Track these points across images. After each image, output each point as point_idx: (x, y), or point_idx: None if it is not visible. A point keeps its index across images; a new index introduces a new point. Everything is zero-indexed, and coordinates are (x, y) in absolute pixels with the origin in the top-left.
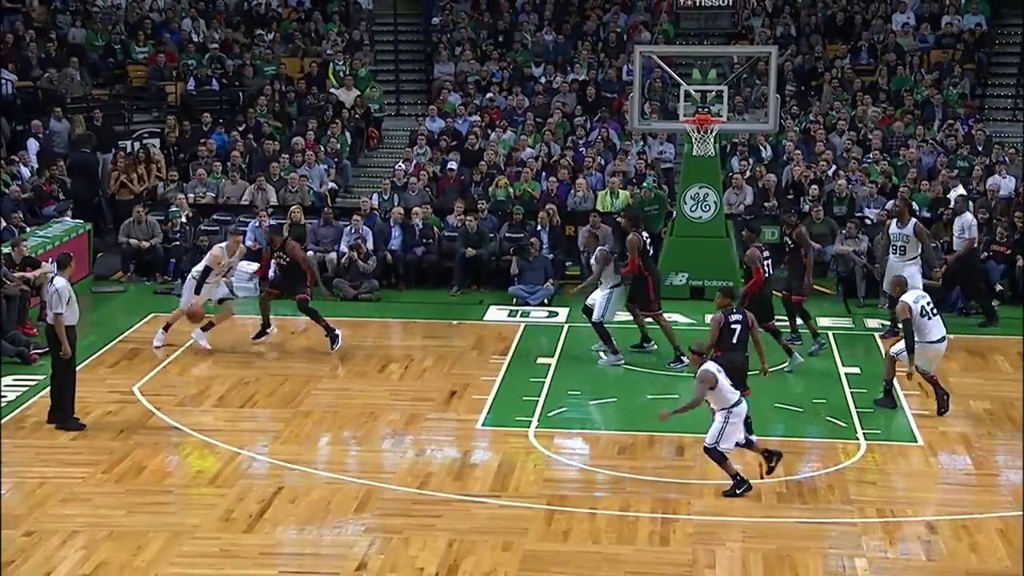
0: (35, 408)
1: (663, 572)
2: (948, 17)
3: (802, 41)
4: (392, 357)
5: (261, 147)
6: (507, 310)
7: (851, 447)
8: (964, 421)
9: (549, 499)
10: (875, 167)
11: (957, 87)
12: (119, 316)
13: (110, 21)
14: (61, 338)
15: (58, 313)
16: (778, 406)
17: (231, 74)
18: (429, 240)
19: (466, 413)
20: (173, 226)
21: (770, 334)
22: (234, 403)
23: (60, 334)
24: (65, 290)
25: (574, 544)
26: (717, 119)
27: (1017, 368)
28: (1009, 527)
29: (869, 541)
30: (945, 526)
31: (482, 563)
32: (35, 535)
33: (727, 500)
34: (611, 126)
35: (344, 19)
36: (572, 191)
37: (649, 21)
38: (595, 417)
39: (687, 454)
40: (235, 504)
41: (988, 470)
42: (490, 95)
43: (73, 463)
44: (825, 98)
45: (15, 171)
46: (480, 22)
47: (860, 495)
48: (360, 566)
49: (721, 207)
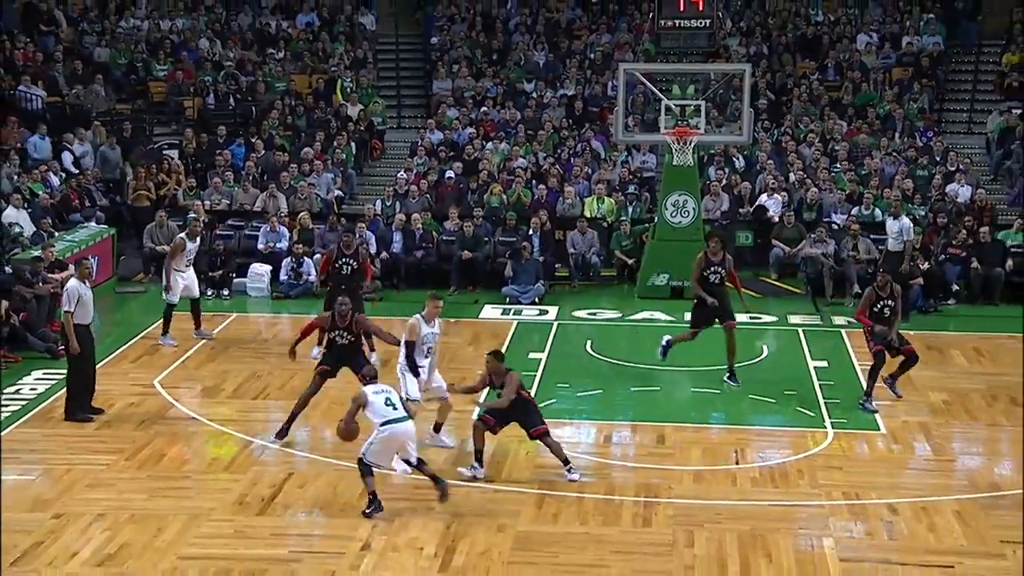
0: (62, 400)
1: (645, 551)
2: (908, 37)
3: (774, 59)
4: (392, 352)
5: (272, 157)
6: (501, 309)
7: (819, 435)
8: (923, 411)
9: (540, 484)
10: (842, 176)
11: (917, 102)
12: (141, 315)
13: (132, 41)
14: (69, 335)
15: (67, 311)
16: (752, 398)
17: (245, 90)
18: (428, 244)
19: (462, 404)
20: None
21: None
22: (247, 395)
23: (68, 331)
24: (75, 291)
25: (563, 526)
26: (695, 131)
27: (972, 362)
28: (965, 508)
29: (836, 522)
30: (906, 508)
31: (477, 543)
32: (63, 517)
33: (705, 484)
34: (597, 138)
35: (349, 39)
36: (561, 198)
37: (632, 41)
38: (582, 408)
39: (667, 442)
40: (248, 489)
41: (945, 456)
42: (485, 109)
43: (98, 451)
44: (795, 112)
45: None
46: (476, 42)
47: (827, 480)
48: (364, 546)
49: (699, 213)
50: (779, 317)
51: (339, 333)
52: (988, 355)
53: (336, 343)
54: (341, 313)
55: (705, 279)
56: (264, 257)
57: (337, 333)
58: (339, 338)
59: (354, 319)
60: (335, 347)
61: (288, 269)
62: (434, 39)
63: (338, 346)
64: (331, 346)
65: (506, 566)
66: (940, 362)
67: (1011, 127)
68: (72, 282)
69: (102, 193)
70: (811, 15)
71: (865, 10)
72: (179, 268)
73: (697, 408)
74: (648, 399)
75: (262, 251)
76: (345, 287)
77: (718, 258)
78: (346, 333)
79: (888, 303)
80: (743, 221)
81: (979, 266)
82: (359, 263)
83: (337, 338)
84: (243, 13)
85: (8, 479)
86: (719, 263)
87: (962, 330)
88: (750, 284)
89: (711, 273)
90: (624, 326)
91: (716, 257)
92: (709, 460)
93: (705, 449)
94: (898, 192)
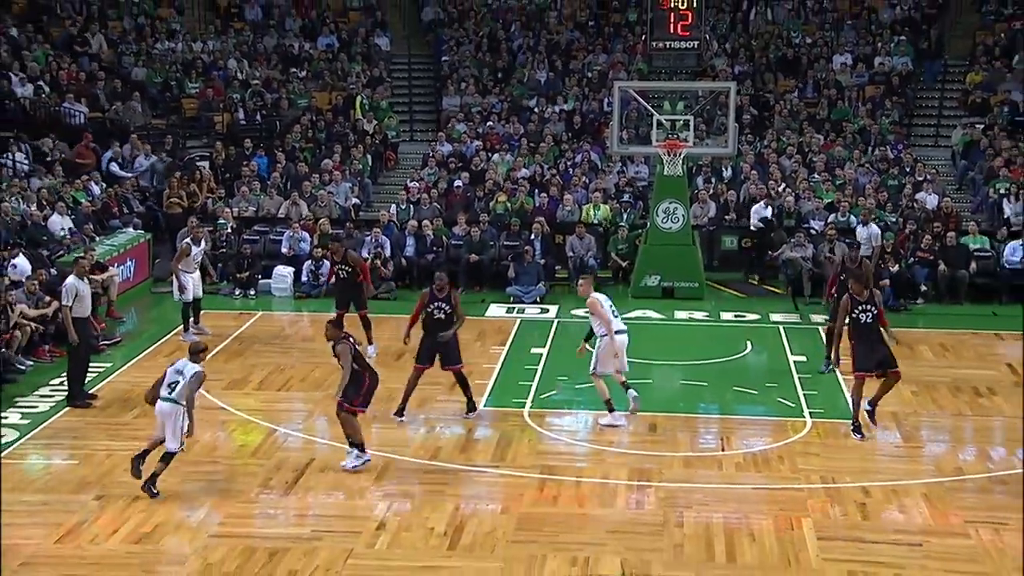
0: (103, 391)
1: (638, 531)
2: (880, 58)
3: (756, 78)
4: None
5: (295, 168)
6: (505, 308)
7: (798, 424)
8: (893, 402)
9: (541, 469)
10: (820, 186)
11: (888, 117)
12: (174, 313)
13: (167, 61)
14: (68, 327)
15: (65, 306)
16: (736, 389)
17: (270, 106)
18: (438, 248)
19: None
20: (220, 235)
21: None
22: (272, 387)
23: (67, 324)
24: (73, 287)
25: (562, 507)
26: (684, 144)
27: (939, 357)
28: (931, 491)
29: (814, 504)
30: (878, 491)
31: (484, 524)
32: (104, 499)
33: (693, 469)
34: (594, 150)
35: (366, 59)
36: (561, 205)
37: (626, 61)
38: (580, 399)
39: (658, 430)
40: (273, 473)
41: (914, 443)
42: (490, 123)
43: (135, 437)
44: (776, 126)
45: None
46: (482, 61)
47: (806, 465)
48: (379, 526)
49: (688, 219)
50: (762, 315)
51: (436, 306)
52: (953, 350)
53: (433, 317)
54: (438, 286)
55: (856, 320)
56: (287, 260)
57: (435, 306)
58: (436, 312)
59: (452, 292)
60: (431, 322)
61: (309, 271)
62: (444, 59)
63: (434, 320)
64: (427, 323)
65: (510, 544)
66: (909, 357)
67: (974, 140)
68: (70, 279)
69: (139, 201)
70: (791, 37)
71: (840, 33)
72: (187, 269)
73: (686, 399)
74: (641, 391)
75: (285, 254)
76: (347, 290)
77: (863, 297)
78: (444, 305)
79: (868, 308)
80: (729, 226)
81: (945, 268)
82: (353, 267)
83: (435, 312)
84: (268, 35)
85: (54, 463)
86: (867, 301)
87: (929, 327)
88: (735, 285)
89: (861, 312)
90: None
91: (862, 296)
92: (697, 447)
93: (693, 437)
94: (871, 202)
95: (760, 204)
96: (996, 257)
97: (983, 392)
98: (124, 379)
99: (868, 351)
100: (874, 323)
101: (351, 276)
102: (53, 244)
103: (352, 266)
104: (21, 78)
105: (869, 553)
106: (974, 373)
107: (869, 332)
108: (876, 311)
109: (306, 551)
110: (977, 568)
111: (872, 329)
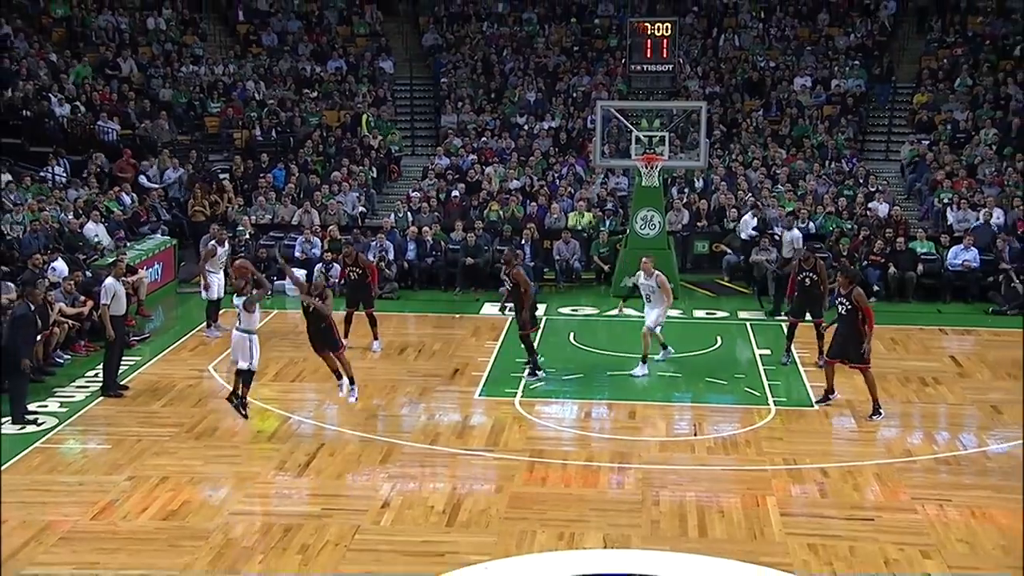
0: (133, 383)
1: (619, 508)
2: (836, 80)
3: (725, 98)
4: (408, 343)
5: (307, 179)
6: (498, 306)
7: (763, 411)
8: (849, 390)
9: (531, 453)
10: (783, 196)
11: (843, 134)
12: (198, 311)
13: (191, 84)
14: (105, 324)
15: (104, 304)
16: (708, 380)
17: (284, 123)
18: (437, 252)
19: (466, 386)
20: (239, 241)
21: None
22: (287, 378)
23: (105, 321)
24: (111, 288)
25: (550, 488)
26: (660, 158)
27: (889, 350)
28: (883, 471)
29: (777, 484)
30: (835, 471)
31: (479, 502)
32: (135, 480)
33: (668, 452)
34: (579, 163)
35: (372, 80)
36: (548, 213)
37: (608, 82)
38: (566, 389)
39: (637, 417)
40: (287, 456)
41: (867, 429)
42: (484, 139)
43: (163, 424)
44: (743, 142)
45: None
46: (477, 83)
47: (770, 448)
48: (384, 504)
49: (664, 226)
50: (730, 313)
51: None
52: (902, 344)
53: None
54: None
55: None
56: (300, 263)
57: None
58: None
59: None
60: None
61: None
62: (442, 81)
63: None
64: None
65: (502, 521)
66: None
67: (920, 155)
68: (109, 280)
69: (165, 210)
70: (756, 62)
71: (800, 58)
72: (212, 269)
73: (662, 389)
74: (621, 381)
75: (298, 258)
76: (357, 290)
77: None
78: (508, 281)
79: (810, 275)
80: (701, 232)
81: (895, 270)
82: (363, 268)
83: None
84: (283, 59)
85: (89, 447)
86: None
87: (881, 324)
88: (707, 286)
89: (839, 304)
90: (601, 321)
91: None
92: (672, 432)
93: (669, 423)
94: (800, 207)
95: (748, 216)
96: (940, 260)
97: (929, 382)
98: (152, 371)
99: (841, 338)
100: (848, 316)
101: (362, 278)
102: (88, 249)
103: (363, 268)
104: (59, 99)
105: (827, 527)
106: (921, 364)
107: (843, 322)
108: (851, 306)
109: (317, 527)
110: (923, 540)
111: (846, 321)
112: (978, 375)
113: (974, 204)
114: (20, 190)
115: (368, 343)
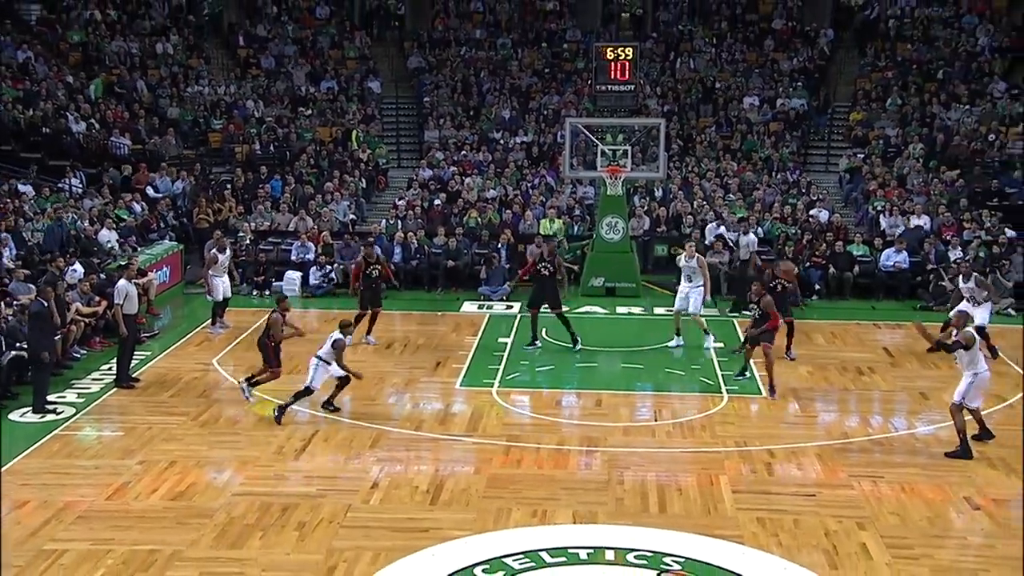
0: (144, 375)
1: (587, 487)
2: (781, 99)
3: (682, 115)
4: (395, 338)
5: (302, 189)
6: (477, 304)
7: (717, 399)
8: (794, 380)
9: (507, 438)
10: (735, 204)
11: (788, 148)
12: (202, 310)
13: (196, 102)
14: (119, 322)
15: (117, 304)
16: (667, 371)
17: (281, 139)
18: (421, 255)
19: (448, 377)
20: (240, 246)
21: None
22: (284, 370)
23: (118, 320)
24: (123, 288)
25: (525, 469)
26: (624, 169)
27: (830, 343)
28: (823, 452)
29: (729, 464)
30: (781, 452)
31: (460, 483)
32: (145, 464)
33: (631, 436)
34: (549, 174)
35: (361, 99)
36: (522, 220)
37: (576, 101)
38: (539, 380)
39: (603, 405)
40: (285, 442)
41: (809, 414)
42: (464, 152)
43: (171, 413)
44: (698, 155)
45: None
46: (457, 101)
47: (723, 432)
48: (374, 485)
49: (627, 231)
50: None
51: (544, 265)
52: (840, 337)
53: (541, 273)
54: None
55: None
56: (296, 266)
57: (543, 265)
58: (543, 269)
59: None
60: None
61: (315, 275)
62: (425, 99)
63: (541, 276)
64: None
65: (481, 499)
66: (806, 343)
67: (856, 167)
68: (122, 282)
69: (173, 217)
70: (709, 82)
71: (749, 79)
72: (217, 273)
73: (626, 379)
74: (589, 372)
75: (294, 261)
76: (375, 287)
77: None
78: (550, 266)
79: (781, 283)
80: (660, 237)
81: (834, 271)
82: (382, 267)
83: (542, 269)
84: (280, 80)
85: (104, 434)
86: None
87: (821, 319)
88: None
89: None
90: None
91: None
92: (635, 418)
93: (632, 410)
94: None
95: (712, 224)
96: (874, 262)
97: (864, 371)
98: (162, 365)
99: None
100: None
101: (380, 276)
102: (102, 254)
103: (381, 265)
104: (76, 117)
105: (773, 503)
106: (857, 355)
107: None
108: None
109: (312, 506)
110: (859, 513)
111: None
112: (908, 365)
113: (904, 211)
114: (40, 200)
115: (363, 336)
